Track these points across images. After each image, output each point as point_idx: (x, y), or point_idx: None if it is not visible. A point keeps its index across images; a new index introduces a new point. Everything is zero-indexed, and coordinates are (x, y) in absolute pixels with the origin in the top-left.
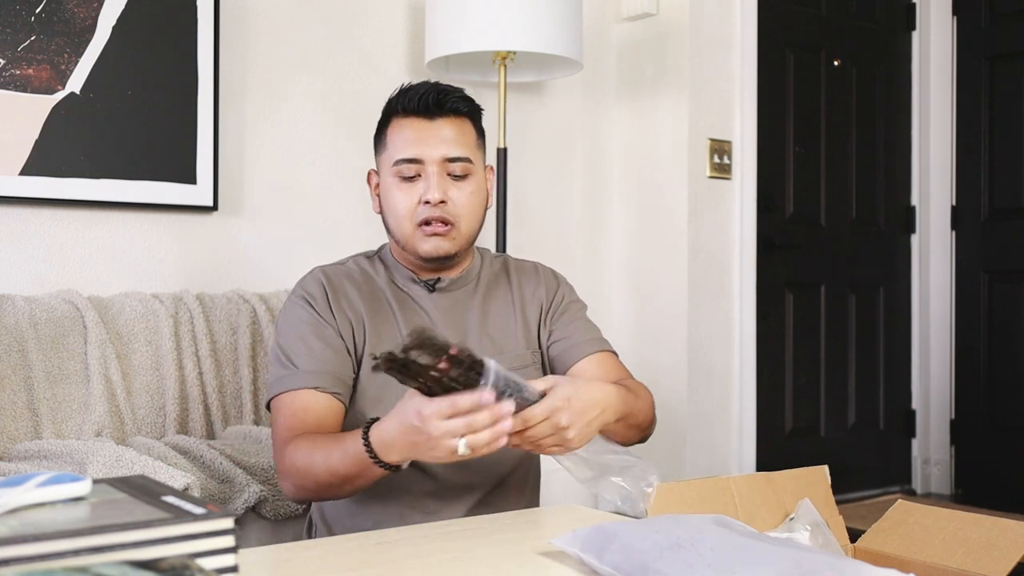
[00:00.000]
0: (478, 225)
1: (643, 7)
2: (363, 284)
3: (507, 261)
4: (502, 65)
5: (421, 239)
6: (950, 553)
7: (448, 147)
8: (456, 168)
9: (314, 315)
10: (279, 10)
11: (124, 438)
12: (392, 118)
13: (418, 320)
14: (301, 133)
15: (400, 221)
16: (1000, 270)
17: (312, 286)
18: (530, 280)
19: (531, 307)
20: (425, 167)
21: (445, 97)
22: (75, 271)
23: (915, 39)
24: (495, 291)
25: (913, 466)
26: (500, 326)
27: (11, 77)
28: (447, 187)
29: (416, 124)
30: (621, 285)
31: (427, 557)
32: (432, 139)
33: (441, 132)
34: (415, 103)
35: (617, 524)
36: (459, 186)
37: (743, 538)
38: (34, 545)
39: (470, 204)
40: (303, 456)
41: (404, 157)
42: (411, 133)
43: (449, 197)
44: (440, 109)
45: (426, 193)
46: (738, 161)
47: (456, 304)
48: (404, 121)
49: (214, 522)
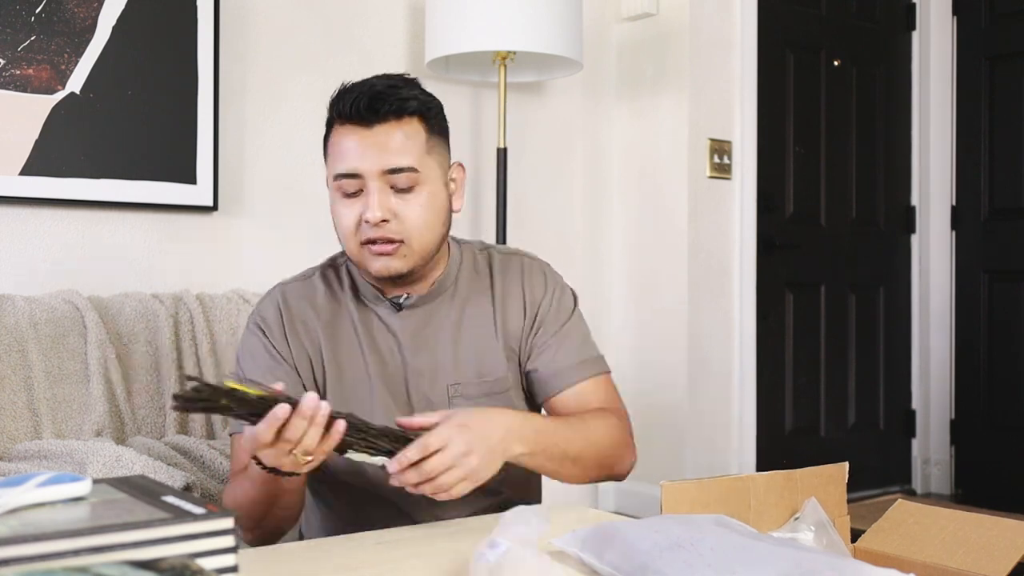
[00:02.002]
0: (436, 237)
1: (643, 7)
2: (324, 307)
3: (491, 257)
4: (502, 65)
5: (369, 258)
6: (950, 553)
7: (388, 157)
8: (399, 180)
9: (268, 348)
10: (279, 10)
11: (124, 438)
12: (333, 124)
13: (385, 343)
14: (301, 133)
15: (347, 240)
16: (1000, 270)
17: (268, 311)
18: (514, 282)
19: (513, 319)
20: (365, 181)
21: (380, 101)
22: (75, 271)
23: (915, 39)
24: (473, 301)
25: (913, 466)
26: (477, 346)
27: (11, 77)
28: (389, 203)
29: (353, 132)
30: (621, 285)
31: (427, 557)
32: (370, 149)
33: (380, 140)
34: (348, 108)
35: (617, 524)
36: (406, 199)
37: (743, 538)
38: (34, 545)
39: (421, 218)
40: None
41: (341, 172)
42: (348, 143)
43: (393, 213)
44: (375, 114)
45: (365, 212)
46: (738, 161)
47: (427, 323)
48: (342, 129)
49: (214, 522)
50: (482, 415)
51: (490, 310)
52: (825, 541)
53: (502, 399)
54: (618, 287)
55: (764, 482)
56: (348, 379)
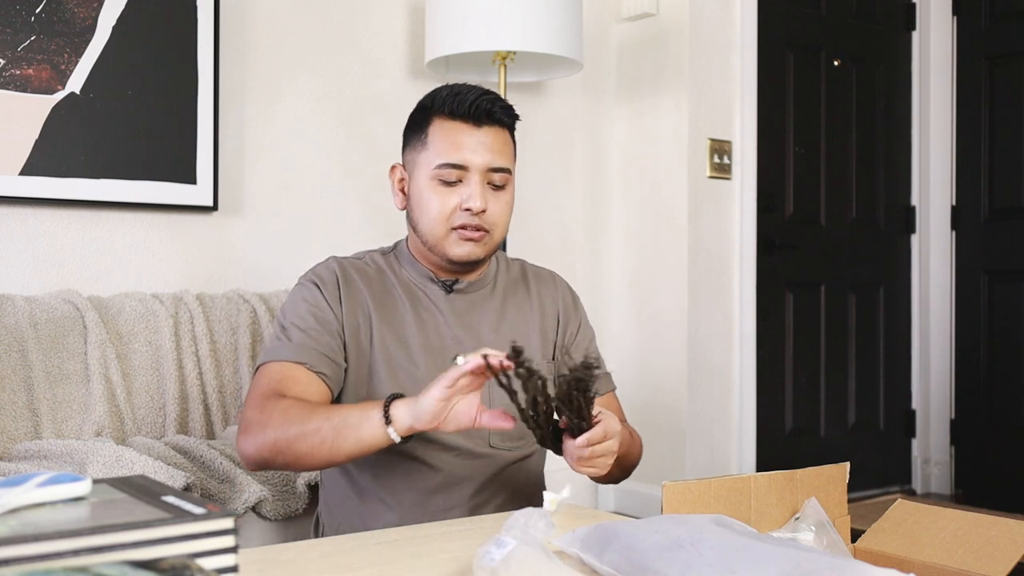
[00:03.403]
0: (506, 234)
1: (643, 7)
2: (375, 279)
3: (524, 267)
4: (502, 65)
5: (455, 243)
6: (950, 553)
7: (493, 157)
8: (497, 178)
9: (320, 298)
10: (279, 10)
11: (124, 438)
12: (434, 117)
13: (432, 321)
14: (301, 133)
15: (433, 223)
16: (1000, 270)
17: (324, 272)
18: (548, 289)
19: (549, 320)
20: (468, 174)
21: (494, 106)
22: (75, 271)
23: (915, 39)
24: (513, 297)
25: (913, 466)
26: (516, 334)
27: (11, 77)
28: (488, 197)
29: (463, 129)
30: (621, 285)
31: (427, 557)
32: (479, 147)
33: (487, 140)
34: (466, 108)
35: (617, 524)
36: (497, 196)
37: (743, 538)
38: (34, 545)
39: (504, 214)
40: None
41: (449, 162)
42: (457, 138)
43: (488, 206)
44: (488, 118)
45: (468, 201)
46: (738, 161)
47: (472, 307)
48: (449, 124)
49: (214, 522)
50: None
51: (528, 307)
52: (825, 541)
53: None
54: (618, 287)
55: (765, 482)
56: (396, 346)
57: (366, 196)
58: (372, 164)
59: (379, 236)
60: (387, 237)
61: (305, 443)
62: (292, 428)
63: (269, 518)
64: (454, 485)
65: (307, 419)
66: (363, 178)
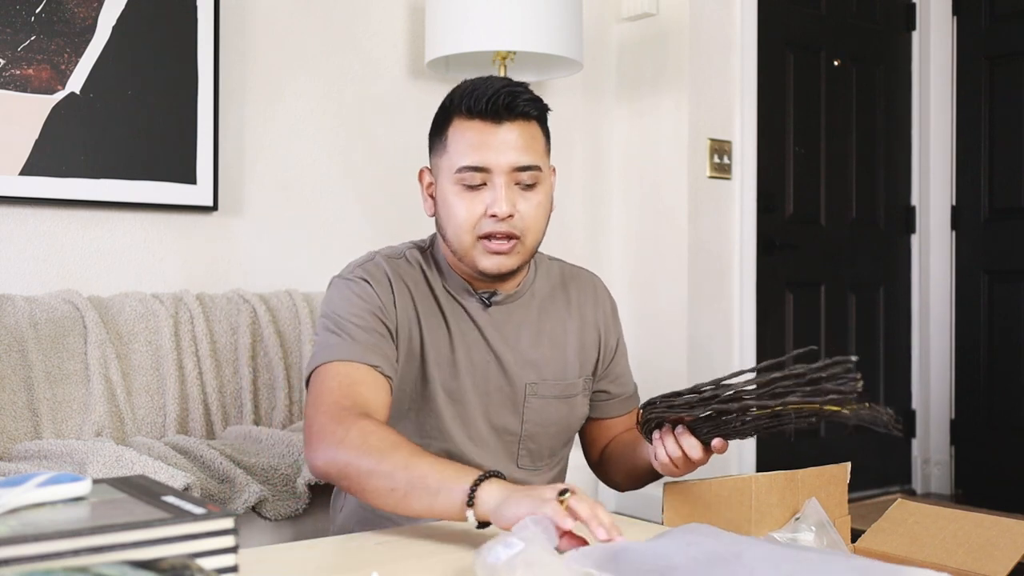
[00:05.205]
0: (542, 237)
1: (643, 7)
2: (418, 285)
3: (563, 270)
4: (502, 65)
5: (482, 254)
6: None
7: (517, 155)
8: (525, 177)
9: (374, 296)
10: (279, 10)
11: (124, 438)
12: (454, 118)
13: (471, 335)
14: (301, 133)
15: (459, 232)
16: (1000, 270)
17: (374, 270)
18: (588, 298)
19: (589, 332)
20: (492, 176)
21: (515, 99)
22: (75, 271)
23: (915, 39)
24: (551, 308)
25: (913, 466)
26: (554, 350)
27: (11, 77)
28: (515, 198)
29: (482, 128)
30: (621, 285)
31: (428, 557)
32: (500, 145)
33: (509, 138)
34: (483, 105)
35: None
36: (527, 197)
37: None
38: (34, 545)
39: (537, 216)
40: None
41: (469, 164)
42: (477, 138)
43: (517, 209)
44: (510, 113)
45: (493, 206)
46: (738, 161)
47: (509, 319)
48: (468, 123)
49: (214, 522)
50: None
51: (566, 317)
52: (826, 541)
53: (570, 403)
54: (618, 287)
55: (766, 482)
56: (436, 357)
57: (366, 196)
58: (372, 164)
59: (379, 236)
60: (387, 237)
61: (375, 483)
62: (367, 460)
63: (269, 518)
64: None
65: (385, 456)
66: (363, 178)
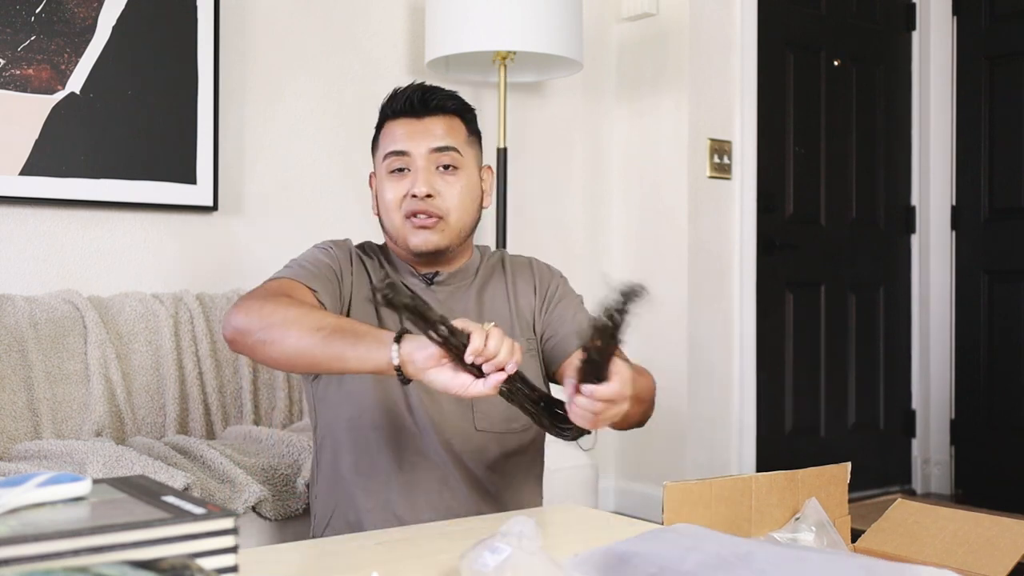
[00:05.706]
0: (470, 220)
1: (643, 7)
2: (375, 271)
3: (503, 256)
4: (502, 65)
5: (410, 231)
6: (950, 553)
7: (435, 139)
8: (444, 158)
9: (336, 258)
10: (279, 10)
11: (124, 438)
12: (385, 122)
13: None
14: (301, 133)
15: (390, 213)
16: (1000, 270)
17: (342, 244)
18: (523, 272)
19: (524, 299)
20: (413, 160)
21: (431, 96)
22: (75, 271)
23: (915, 39)
24: (490, 284)
25: (913, 466)
26: (495, 317)
27: (11, 77)
28: (435, 180)
29: (405, 122)
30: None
31: (427, 557)
32: (419, 133)
33: (428, 127)
34: (401, 104)
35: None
36: (448, 180)
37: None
38: (34, 545)
39: (460, 197)
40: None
41: (392, 150)
42: (399, 130)
43: (437, 190)
44: (426, 107)
45: (413, 186)
46: (738, 161)
47: (452, 296)
48: (394, 122)
49: (214, 522)
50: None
51: (504, 291)
52: (826, 541)
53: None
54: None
55: (766, 482)
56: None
57: (366, 196)
58: (372, 164)
59: (379, 236)
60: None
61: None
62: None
63: (269, 518)
64: (458, 480)
65: (313, 310)
66: (363, 178)
